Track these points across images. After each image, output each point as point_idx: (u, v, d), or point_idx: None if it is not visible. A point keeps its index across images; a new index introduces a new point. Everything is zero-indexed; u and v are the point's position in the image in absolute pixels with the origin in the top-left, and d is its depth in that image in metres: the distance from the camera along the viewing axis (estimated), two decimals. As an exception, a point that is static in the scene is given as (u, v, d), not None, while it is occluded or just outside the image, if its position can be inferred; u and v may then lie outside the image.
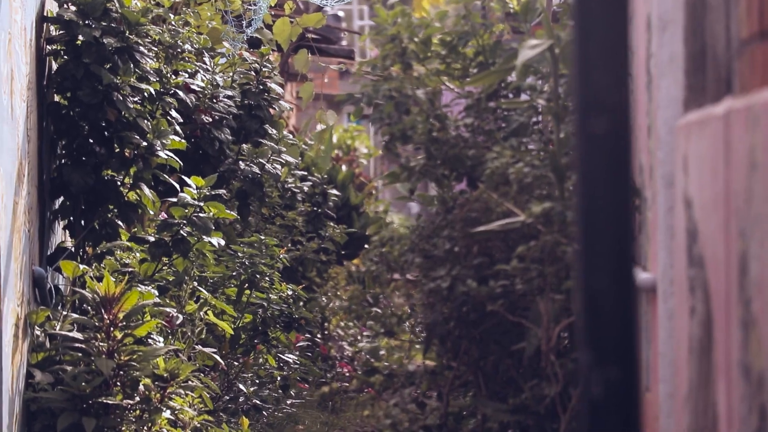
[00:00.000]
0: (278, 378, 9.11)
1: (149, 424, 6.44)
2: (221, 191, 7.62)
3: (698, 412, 3.49)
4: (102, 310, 6.35)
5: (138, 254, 7.61)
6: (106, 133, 7.08)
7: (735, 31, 3.07)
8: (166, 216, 7.69)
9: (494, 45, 5.66)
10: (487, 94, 5.53)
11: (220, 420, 7.58)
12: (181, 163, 7.38)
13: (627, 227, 2.27)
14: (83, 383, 6.20)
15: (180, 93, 7.61)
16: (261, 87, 9.36)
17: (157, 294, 6.86)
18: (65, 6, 7.09)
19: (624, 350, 2.30)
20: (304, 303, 9.23)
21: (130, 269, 7.33)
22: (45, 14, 7.01)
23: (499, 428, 5.39)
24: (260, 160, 9.34)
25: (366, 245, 14.77)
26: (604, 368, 2.29)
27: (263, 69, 9.37)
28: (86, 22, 6.90)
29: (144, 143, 7.08)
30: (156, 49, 7.39)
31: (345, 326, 13.00)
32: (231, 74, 9.37)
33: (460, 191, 5.34)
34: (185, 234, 7.21)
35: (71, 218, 7.21)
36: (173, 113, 7.48)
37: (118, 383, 6.37)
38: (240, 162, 9.26)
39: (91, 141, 7.08)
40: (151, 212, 7.39)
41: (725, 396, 3.04)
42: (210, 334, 8.20)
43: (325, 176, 12.30)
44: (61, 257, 6.96)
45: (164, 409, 6.50)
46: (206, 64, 8.69)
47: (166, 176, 7.45)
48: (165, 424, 6.56)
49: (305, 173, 10.93)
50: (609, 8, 2.26)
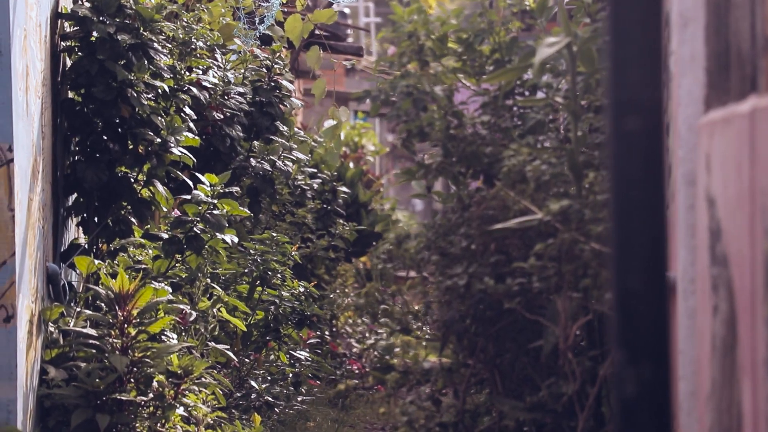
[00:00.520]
0: (290, 375, 9.11)
1: (162, 421, 6.45)
2: (234, 188, 7.62)
3: (722, 411, 3.48)
4: (116, 307, 6.35)
5: (151, 251, 7.61)
6: (120, 130, 7.09)
7: (760, 29, 3.07)
8: (179, 213, 7.69)
9: (510, 42, 5.66)
10: (504, 92, 5.52)
11: (233, 417, 7.58)
12: (195, 160, 7.38)
13: (660, 227, 2.27)
14: (97, 380, 6.21)
15: (194, 90, 7.61)
16: (272, 84, 9.36)
17: (170, 291, 6.86)
18: (80, 2, 7.10)
19: (657, 349, 2.29)
20: (316, 300, 9.22)
21: (143, 266, 7.33)
22: (59, 11, 7.01)
23: (516, 426, 5.39)
24: (271, 157, 9.34)
25: (374, 243, 14.80)
26: (638, 367, 2.28)
27: (275, 66, 9.37)
28: (100, 19, 6.90)
29: (158, 140, 7.08)
30: (170, 46, 7.39)
31: (353, 323, 13.00)
32: (242, 71, 9.37)
33: (477, 189, 5.34)
34: (198, 231, 7.21)
35: (85, 215, 7.21)
36: (187, 110, 7.48)
37: (132, 380, 6.38)
38: (251, 159, 9.26)
39: (105, 138, 7.09)
40: (165, 209, 7.39)
41: (750, 394, 3.03)
42: (222, 331, 8.21)
43: (335, 173, 12.29)
44: (75, 254, 6.97)
45: (178, 406, 6.50)
46: (218, 61, 8.70)
47: (179, 173, 7.46)
48: (178, 421, 6.57)
49: (315, 170, 10.93)
50: (642, 8, 2.25)
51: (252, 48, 9.59)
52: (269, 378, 8.77)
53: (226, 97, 8.79)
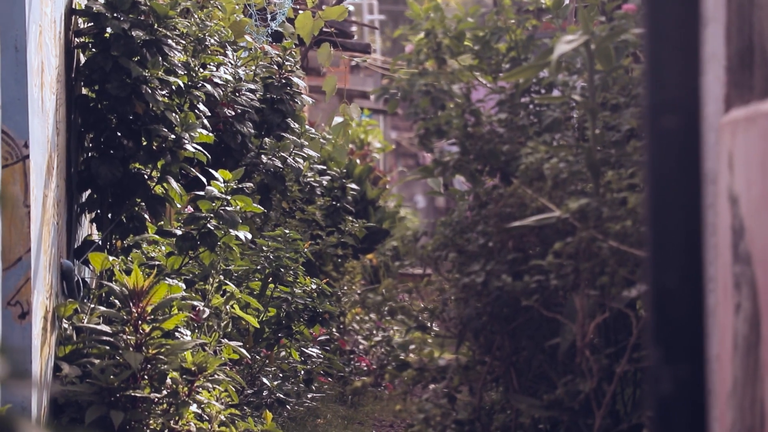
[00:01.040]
0: (301, 372, 9.11)
1: (176, 418, 6.44)
2: (247, 185, 7.62)
3: (744, 409, 3.48)
4: (130, 304, 6.35)
5: (163, 248, 7.61)
6: (134, 126, 7.08)
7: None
8: (191, 209, 7.69)
9: (527, 40, 5.65)
10: (521, 90, 5.52)
11: (245, 413, 7.59)
12: (209, 156, 7.39)
13: (697, 225, 2.27)
14: (111, 376, 6.20)
15: (208, 86, 7.62)
16: (283, 81, 9.37)
17: (184, 287, 6.86)
18: (94, -1, 7.10)
19: (693, 348, 2.29)
20: (328, 297, 9.22)
21: (157, 263, 7.33)
22: (74, 7, 7.01)
23: (531, 423, 5.39)
24: (282, 154, 9.35)
25: (382, 240, 14.81)
26: (674, 366, 2.28)
27: (286, 63, 9.37)
28: (115, 15, 6.90)
29: (172, 136, 7.08)
30: (184, 42, 7.39)
31: (361, 320, 13.01)
32: (253, 68, 9.38)
33: (493, 186, 5.34)
34: (212, 227, 7.21)
35: (98, 211, 7.21)
36: (201, 106, 7.48)
37: (146, 377, 6.37)
38: (262, 156, 9.27)
39: (119, 134, 7.09)
40: (178, 205, 7.39)
41: (775, 393, 3.03)
42: (234, 328, 8.21)
43: (344, 170, 12.30)
44: (88, 250, 6.97)
45: (191, 403, 6.50)
46: (229, 58, 8.70)
47: (192, 169, 7.47)
48: (192, 418, 6.57)
49: (324, 167, 10.94)
50: (680, 8, 2.25)
51: (263, 45, 9.59)
52: (281, 375, 8.78)
53: (237, 94, 8.79)
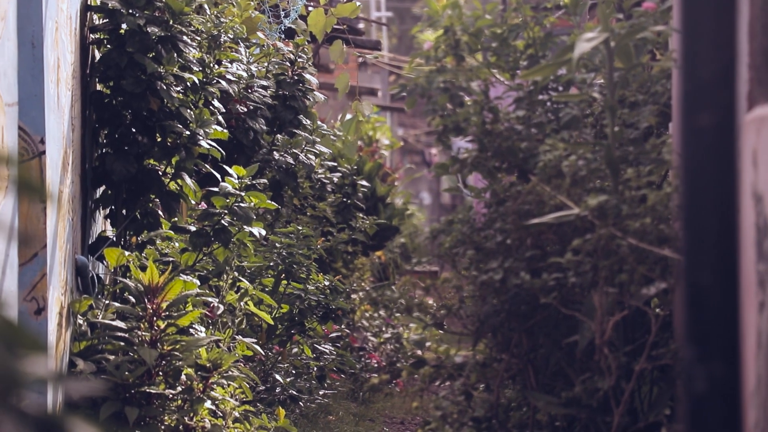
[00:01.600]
0: (314, 368, 9.11)
1: (191, 414, 6.44)
2: (262, 181, 7.62)
3: (767, 408, 3.47)
4: (145, 300, 6.35)
5: (177, 244, 7.61)
6: (149, 123, 7.08)
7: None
8: (205, 205, 7.69)
9: (544, 38, 5.64)
10: (539, 87, 5.51)
11: (258, 410, 7.59)
12: (224, 153, 7.38)
13: (732, 223, 2.26)
14: (126, 373, 6.20)
15: (223, 82, 7.61)
16: (296, 77, 9.37)
17: (198, 284, 6.86)
18: (109, -5, 7.10)
19: (727, 346, 2.29)
20: (340, 294, 9.22)
21: (171, 259, 7.33)
22: (89, 3, 7.01)
23: (548, 421, 5.38)
24: (294, 151, 9.34)
25: (391, 236, 14.81)
26: (708, 364, 2.28)
27: (298, 60, 9.37)
28: (130, 11, 6.90)
29: (186, 132, 7.08)
30: (199, 39, 7.39)
31: (370, 317, 13.01)
32: (265, 64, 9.37)
33: (511, 183, 5.33)
34: (226, 224, 7.21)
35: (113, 207, 7.21)
36: (216, 103, 7.48)
37: (161, 373, 6.37)
38: (274, 152, 9.26)
39: (134, 130, 7.09)
40: (193, 202, 7.39)
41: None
42: (247, 325, 8.21)
43: (354, 167, 12.30)
44: (103, 246, 6.97)
45: (206, 399, 6.50)
46: (241, 54, 8.70)
47: (207, 166, 7.47)
48: (206, 414, 6.56)
49: (335, 164, 10.94)
50: (716, 4, 2.24)
51: (275, 42, 9.59)
52: (293, 372, 8.77)
53: (250, 91, 8.79)
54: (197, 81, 7.14)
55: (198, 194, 7.37)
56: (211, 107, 7.42)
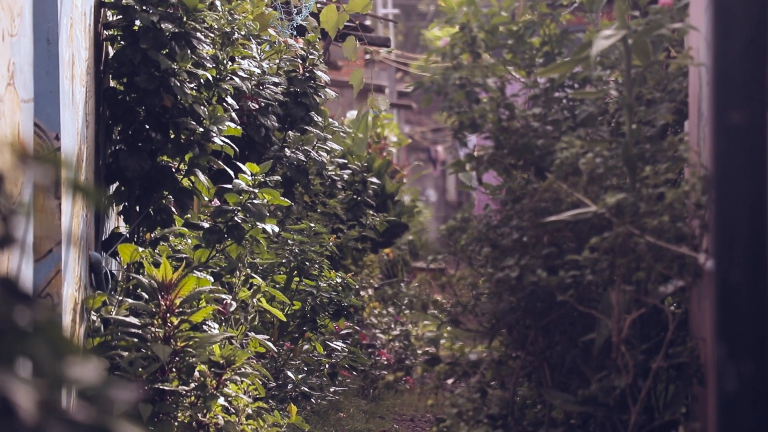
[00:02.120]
0: (326, 365, 9.11)
1: (204, 411, 6.44)
2: (275, 178, 7.60)
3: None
4: (158, 296, 6.34)
5: (190, 240, 7.61)
6: (162, 119, 7.08)
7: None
8: (218, 202, 7.68)
9: (561, 35, 5.64)
10: (555, 85, 5.51)
11: (270, 407, 7.59)
12: (237, 150, 7.38)
13: (763, 221, 2.25)
14: (139, 369, 6.20)
15: (236, 79, 7.61)
16: (307, 74, 9.36)
17: (212, 280, 6.86)
18: (123, -9, 7.10)
19: (757, 344, 2.28)
20: (353, 291, 9.21)
21: (184, 255, 7.33)
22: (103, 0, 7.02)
23: (564, 418, 5.38)
24: (305, 148, 9.34)
25: (401, 233, 14.80)
26: (739, 362, 2.27)
27: (310, 56, 9.36)
28: (144, 8, 6.89)
29: (200, 129, 7.07)
30: (212, 35, 7.38)
31: (378, 314, 13.01)
32: (277, 61, 9.37)
33: (527, 181, 5.32)
34: (239, 220, 7.20)
35: (126, 204, 7.21)
36: (229, 99, 7.47)
37: (174, 369, 6.37)
38: (285, 149, 9.26)
39: (147, 127, 7.08)
40: (205, 198, 7.38)
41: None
42: (259, 321, 8.21)
43: (365, 164, 12.29)
44: (116, 243, 6.97)
45: (219, 396, 6.49)
46: (253, 51, 8.70)
47: (220, 162, 7.46)
48: (219, 411, 6.56)
49: (345, 161, 10.93)
50: (749, 3, 2.23)
51: (286, 38, 9.58)
52: (305, 368, 8.77)
53: (261, 87, 8.79)
54: (210, 78, 7.13)
55: (211, 191, 7.36)
56: (225, 104, 7.41)
